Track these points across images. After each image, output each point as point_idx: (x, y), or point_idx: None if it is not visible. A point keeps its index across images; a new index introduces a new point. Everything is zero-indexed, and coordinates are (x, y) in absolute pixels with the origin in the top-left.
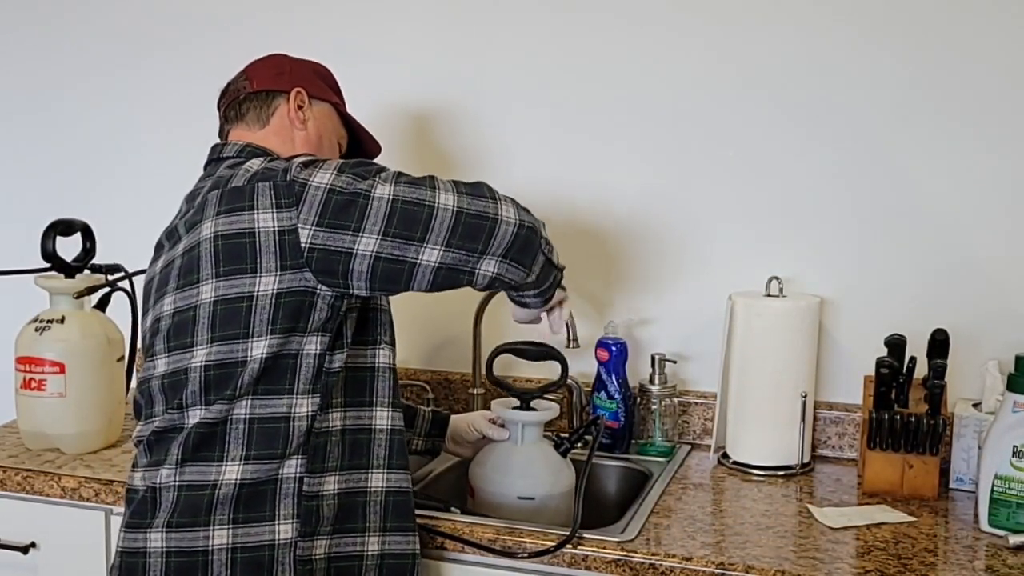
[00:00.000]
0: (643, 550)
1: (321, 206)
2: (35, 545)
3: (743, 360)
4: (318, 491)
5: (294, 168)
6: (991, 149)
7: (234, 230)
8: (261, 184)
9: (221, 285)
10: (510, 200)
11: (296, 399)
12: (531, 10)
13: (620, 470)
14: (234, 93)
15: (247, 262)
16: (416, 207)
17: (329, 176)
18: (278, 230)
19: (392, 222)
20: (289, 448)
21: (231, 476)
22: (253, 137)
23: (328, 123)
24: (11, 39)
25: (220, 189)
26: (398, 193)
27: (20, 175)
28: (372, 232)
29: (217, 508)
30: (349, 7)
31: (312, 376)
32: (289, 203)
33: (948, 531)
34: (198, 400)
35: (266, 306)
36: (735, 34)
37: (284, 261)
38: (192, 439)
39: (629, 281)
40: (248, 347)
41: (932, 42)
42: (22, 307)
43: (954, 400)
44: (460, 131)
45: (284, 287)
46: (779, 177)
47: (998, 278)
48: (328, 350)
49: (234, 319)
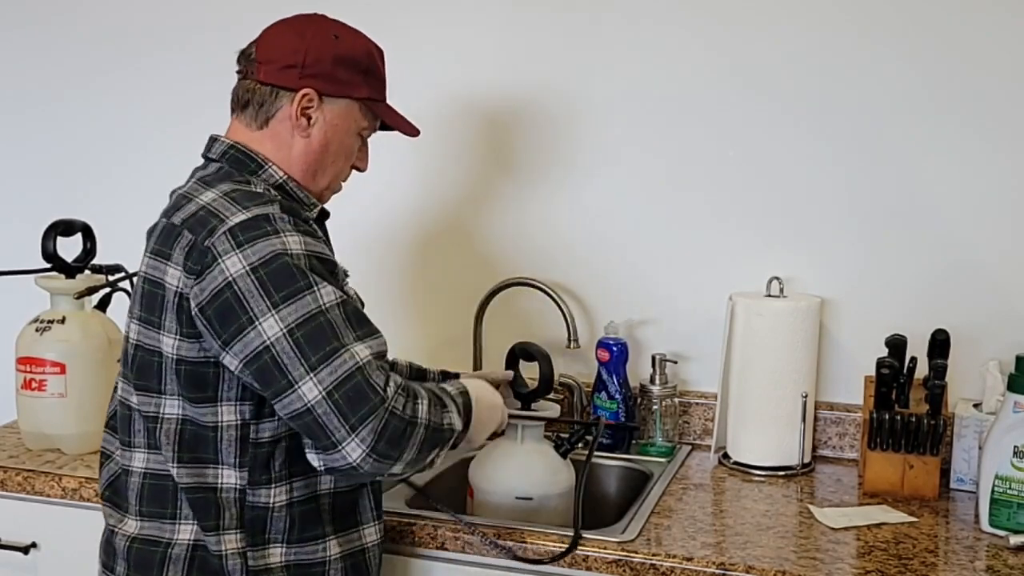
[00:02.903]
0: (644, 550)
1: (212, 295)
2: (35, 545)
3: (743, 360)
4: (265, 564)
5: (221, 233)
6: (992, 149)
7: (154, 276)
8: (186, 233)
9: (142, 331)
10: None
11: (222, 470)
12: (529, 10)
13: (620, 470)
14: (244, 70)
15: (156, 314)
16: (279, 372)
17: (240, 267)
18: (179, 292)
19: (252, 365)
20: (222, 521)
21: (184, 536)
22: (248, 137)
23: (342, 123)
24: (11, 39)
25: (167, 219)
26: (278, 342)
27: (20, 175)
28: (236, 356)
29: (170, 568)
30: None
31: (236, 448)
32: (194, 270)
33: (949, 531)
34: (142, 443)
35: (171, 367)
36: (736, 33)
37: (182, 328)
38: (147, 490)
39: (629, 281)
40: (161, 403)
41: (933, 43)
42: (22, 307)
43: (955, 400)
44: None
45: (183, 354)
46: (780, 177)
47: (998, 278)
48: (253, 419)
49: (148, 370)
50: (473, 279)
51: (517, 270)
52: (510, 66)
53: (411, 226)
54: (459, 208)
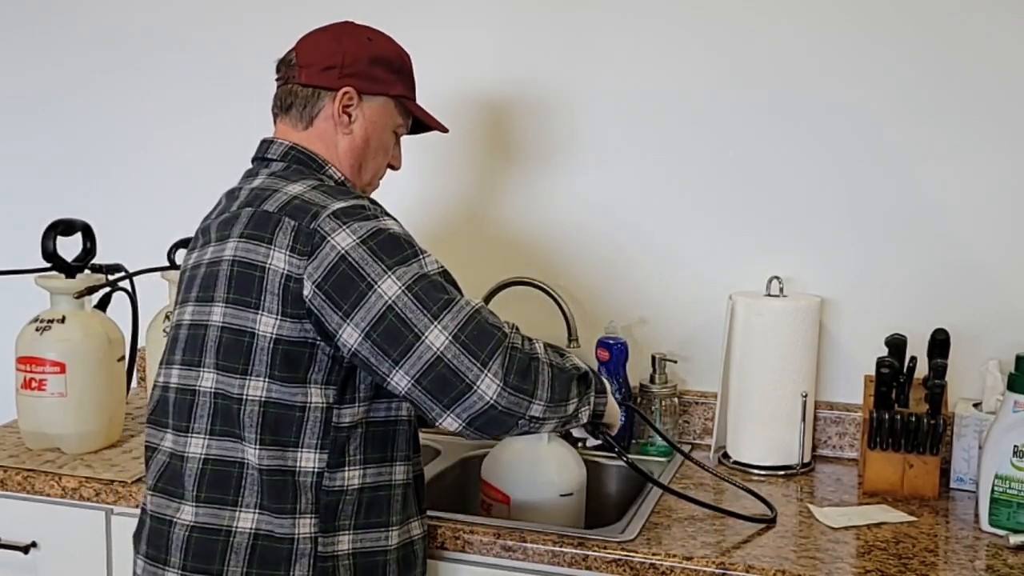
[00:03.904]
0: (643, 550)
1: (327, 270)
2: (35, 545)
3: (743, 360)
4: (332, 551)
5: (325, 216)
6: (992, 149)
7: (250, 259)
8: (287, 219)
9: (229, 312)
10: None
11: (302, 453)
12: (531, 9)
13: (620, 470)
14: (284, 76)
15: (253, 296)
16: (404, 327)
17: (351, 240)
18: (286, 274)
19: (377, 328)
20: (299, 505)
21: (246, 525)
22: (298, 137)
23: (380, 119)
24: (11, 39)
25: (254, 208)
26: (399, 299)
27: (20, 175)
28: (357, 326)
29: (231, 558)
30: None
31: (320, 431)
32: (304, 251)
33: (948, 531)
34: (203, 428)
35: (265, 347)
36: (736, 34)
37: (286, 308)
38: (207, 475)
39: (629, 281)
40: (245, 384)
41: (933, 43)
42: (22, 307)
43: (954, 400)
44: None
45: (284, 333)
46: (780, 177)
47: (998, 278)
48: (336, 403)
49: (235, 350)
50: (473, 279)
51: (517, 270)
52: (511, 66)
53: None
54: (459, 208)
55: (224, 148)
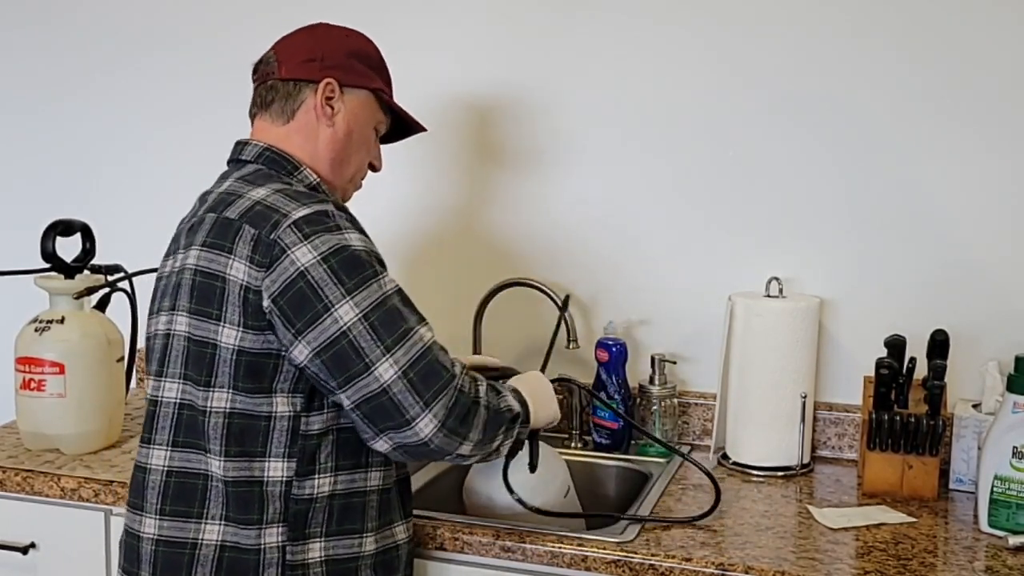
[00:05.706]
0: (643, 551)
1: (284, 285)
2: (35, 545)
3: (743, 360)
4: (303, 559)
5: (286, 226)
6: (992, 149)
7: (211, 269)
8: (247, 227)
9: (193, 323)
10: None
11: (269, 462)
12: (530, 9)
13: (620, 470)
14: (263, 75)
15: (214, 307)
16: (355, 355)
17: (312, 257)
18: (245, 285)
19: (328, 351)
20: (266, 515)
21: (211, 537)
22: (276, 134)
23: (362, 113)
24: (11, 39)
25: (216, 214)
26: (354, 326)
27: (20, 175)
28: (308, 344)
29: (198, 570)
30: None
31: (287, 439)
32: (262, 263)
33: (948, 532)
34: (166, 440)
35: (228, 359)
36: (736, 34)
37: (247, 320)
38: (171, 488)
39: (629, 281)
40: (209, 395)
41: (933, 43)
42: (22, 307)
43: (954, 401)
44: (457, 131)
45: (247, 345)
46: (779, 177)
47: (998, 278)
48: (304, 411)
49: (199, 362)
50: (473, 279)
51: (517, 270)
52: (509, 67)
53: (410, 227)
54: (458, 208)
55: (224, 148)
